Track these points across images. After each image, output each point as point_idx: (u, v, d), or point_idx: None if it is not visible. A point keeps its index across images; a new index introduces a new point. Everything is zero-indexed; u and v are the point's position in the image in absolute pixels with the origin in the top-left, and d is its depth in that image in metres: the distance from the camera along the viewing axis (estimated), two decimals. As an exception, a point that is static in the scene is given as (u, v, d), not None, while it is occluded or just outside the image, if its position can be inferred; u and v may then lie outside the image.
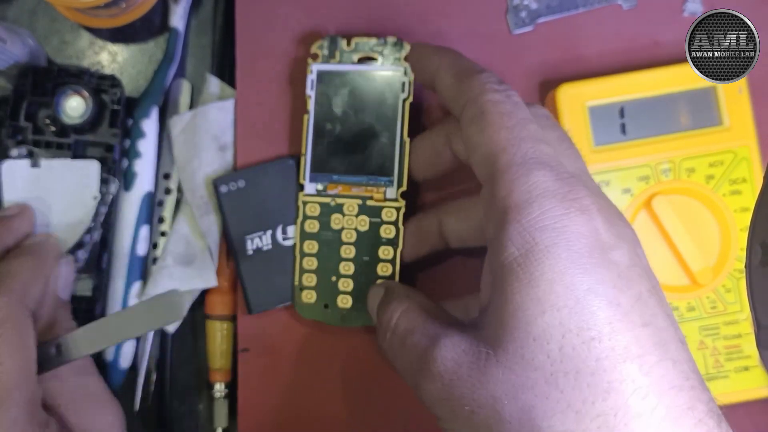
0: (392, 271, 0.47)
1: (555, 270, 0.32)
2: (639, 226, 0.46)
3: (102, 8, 0.49)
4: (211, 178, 0.49)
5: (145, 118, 0.49)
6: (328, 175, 0.47)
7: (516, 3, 0.50)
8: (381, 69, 0.47)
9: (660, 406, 0.30)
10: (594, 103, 0.47)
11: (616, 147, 0.47)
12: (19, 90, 0.48)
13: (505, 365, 0.32)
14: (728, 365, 0.45)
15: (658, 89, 0.47)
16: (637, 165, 0.46)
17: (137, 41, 0.55)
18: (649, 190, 0.46)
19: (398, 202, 0.47)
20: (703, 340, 0.45)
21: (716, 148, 0.46)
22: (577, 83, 0.47)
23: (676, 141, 0.47)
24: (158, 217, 0.52)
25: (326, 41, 0.48)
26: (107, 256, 0.49)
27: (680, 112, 0.47)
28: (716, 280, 0.46)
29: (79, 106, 0.48)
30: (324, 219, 0.48)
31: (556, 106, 0.47)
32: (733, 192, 0.46)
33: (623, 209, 0.46)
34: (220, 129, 0.49)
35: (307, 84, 0.47)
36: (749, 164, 0.46)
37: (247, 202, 0.48)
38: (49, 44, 0.54)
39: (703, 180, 0.46)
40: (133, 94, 0.54)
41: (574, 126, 0.46)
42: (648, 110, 0.47)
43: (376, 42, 0.47)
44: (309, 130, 0.47)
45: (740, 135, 0.46)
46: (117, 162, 0.49)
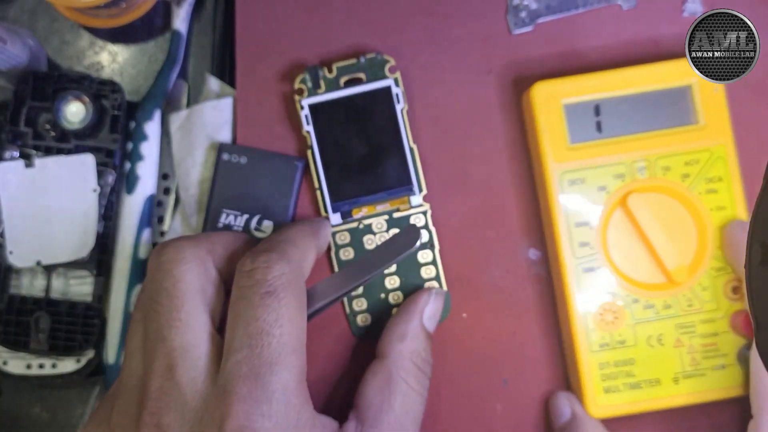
0: (436, 272, 0.48)
1: None
2: (615, 224, 0.46)
3: (102, 8, 0.49)
4: (204, 177, 0.49)
5: (148, 121, 0.50)
6: (349, 201, 0.47)
7: (516, 3, 0.50)
8: (370, 87, 0.47)
9: None
10: (569, 101, 0.47)
11: (592, 145, 0.46)
12: (19, 95, 0.49)
13: None
14: (705, 363, 0.46)
15: (634, 87, 0.47)
16: (613, 163, 0.46)
17: (137, 41, 0.55)
18: (624, 188, 0.46)
19: (423, 206, 0.48)
20: (680, 338, 0.46)
21: (692, 147, 0.46)
22: (552, 81, 0.47)
23: (652, 139, 0.46)
24: (157, 217, 0.52)
25: (307, 74, 0.48)
26: (108, 260, 0.49)
27: (656, 111, 0.47)
28: (692, 278, 0.46)
29: (79, 112, 0.48)
30: (356, 244, 0.48)
31: (532, 104, 0.47)
32: (709, 191, 0.46)
33: (599, 207, 0.46)
34: (214, 128, 0.50)
35: (303, 121, 0.47)
36: (725, 163, 0.46)
37: (240, 178, 0.48)
38: (50, 44, 0.54)
39: (679, 178, 0.46)
40: (132, 94, 0.54)
41: (550, 124, 0.46)
42: (624, 108, 0.47)
43: (356, 62, 0.48)
44: (318, 164, 0.47)
45: (716, 134, 0.46)
46: (118, 167, 0.49)
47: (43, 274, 0.50)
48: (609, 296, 0.46)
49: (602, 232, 0.46)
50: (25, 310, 0.49)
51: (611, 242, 0.46)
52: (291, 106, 0.50)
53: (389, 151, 0.47)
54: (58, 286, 0.50)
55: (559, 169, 0.46)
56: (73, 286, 0.50)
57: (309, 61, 0.50)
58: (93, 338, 0.49)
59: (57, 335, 0.49)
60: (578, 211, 0.46)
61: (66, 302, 0.49)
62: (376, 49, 0.49)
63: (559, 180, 0.46)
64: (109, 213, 0.49)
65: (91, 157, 0.48)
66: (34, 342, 0.49)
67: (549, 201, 0.46)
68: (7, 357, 0.50)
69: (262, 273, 0.38)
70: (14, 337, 0.49)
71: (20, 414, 0.54)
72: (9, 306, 0.49)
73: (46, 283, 0.49)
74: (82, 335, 0.49)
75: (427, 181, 0.48)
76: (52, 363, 0.50)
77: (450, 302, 0.48)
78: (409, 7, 0.50)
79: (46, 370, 0.50)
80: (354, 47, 0.50)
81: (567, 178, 0.46)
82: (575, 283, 0.46)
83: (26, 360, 0.50)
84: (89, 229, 0.48)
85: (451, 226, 0.49)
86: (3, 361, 0.50)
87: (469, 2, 0.50)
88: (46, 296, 0.49)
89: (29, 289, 0.50)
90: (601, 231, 0.46)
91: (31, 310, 0.49)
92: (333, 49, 0.50)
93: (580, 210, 0.46)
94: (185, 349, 0.38)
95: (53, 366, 0.50)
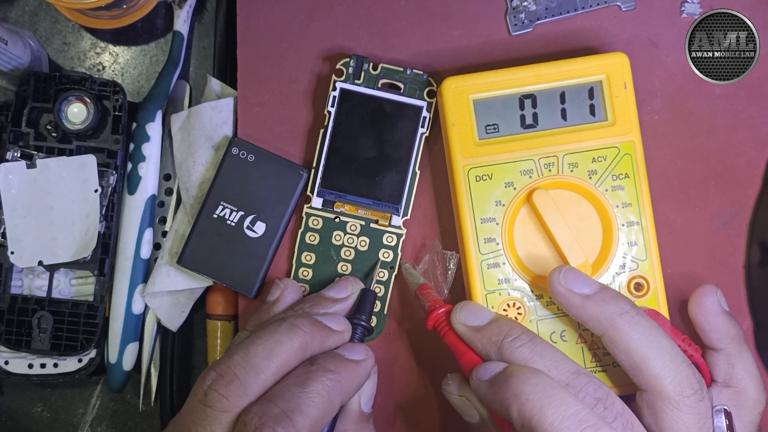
0: (384, 292, 0.48)
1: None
2: (521, 220, 0.46)
3: (104, 9, 0.49)
4: (206, 178, 0.49)
5: (150, 122, 0.50)
6: (336, 193, 0.48)
7: (515, 4, 0.50)
8: (406, 100, 0.48)
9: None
10: (478, 97, 0.46)
11: (500, 141, 0.46)
12: (20, 96, 0.49)
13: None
14: (606, 359, 0.45)
15: (543, 84, 0.46)
16: (520, 159, 0.46)
17: (139, 43, 0.55)
18: (531, 184, 0.46)
19: (401, 229, 0.48)
20: (582, 334, 0.45)
21: (600, 144, 0.46)
22: (461, 77, 0.46)
23: (560, 135, 0.46)
24: (160, 217, 0.52)
25: (352, 60, 0.48)
26: (110, 260, 0.50)
27: (565, 107, 0.47)
28: (596, 275, 0.46)
29: (80, 113, 0.48)
30: (325, 234, 0.48)
31: (442, 100, 0.46)
32: (615, 188, 0.46)
33: (506, 203, 0.46)
34: (213, 128, 0.50)
35: (329, 100, 0.48)
36: (632, 160, 0.46)
37: (243, 175, 0.48)
38: (51, 45, 0.55)
39: (586, 175, 0.46)
40: (133, 95, 0.54)
41: (459, 119, 0.46)
42: (532, 104, 0.47)
43: (402, 71, 0.48)
44: (324, 146, 0.48)
45: (624, 130, 0.46)
46: (119, 167, 0.49)
47: (45, 274, 0.50)
48: (513, 292, 0.45)
49: (508, 229, 0.46)
50: (26, 309, 0.50)
51: (517, 239, 0.46)
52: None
53: (393, 166, 0.48)
54: (60, 286, 0.50)
55: (466, 164, 0.46)
56: (74, 286, 0.50)
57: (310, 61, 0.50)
58: (95, 338, 0.49)
59: (59, 335, 0.49)
60: (484, 207, 0.46)
61: (68, 302, 0.50)
62: (375, 53, 0.49)
63: (466, 175, 0.46)
64: (110, 213, 0.49)
65: (92, 158, 0.48)
66: (35, 341, 0.49)
67: (456, 196, 0.46)
68: (9, 356, 0.50)
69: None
70: (16, 337, 0.49)
71: (22, 413, 0.54)
72: (11, 306, 0.49)
73: (47, 283, 0.50)
74: (84, 335, 0.49)
75: (413, 209, 0.48)
76: (53, 362, 0.51)
77: (385, 322, 0.48)
78: (409, 7, 0.50)
79: (47, 369, 0.51)
80: (353, 49, 0.50)
81: (474, 173, 0.46)
82: (479, 278, 0.45)
83: (28, 359, 0.51)
84: (91, 230, 0.48)
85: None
86: (5, 360, 0.50)
87: (469, 3, 0.50)
88: (48, 296, 0.50)
89: (31, 289, 0.50)
90: (507, 227, 0.46)
91: (33, 310, 0.49)
92: (333, 50, 0.50)
93: (487, 206, 0.46)
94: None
95: (55, 365, 0.51)
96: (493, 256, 0.45)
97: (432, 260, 0.47)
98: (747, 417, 0.43)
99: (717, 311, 0.45)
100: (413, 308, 0.49)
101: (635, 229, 0.45)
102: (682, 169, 0.50)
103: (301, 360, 0.40)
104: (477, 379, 0.40)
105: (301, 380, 0.39)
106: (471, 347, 0.43)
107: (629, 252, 0.45)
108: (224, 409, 0.37)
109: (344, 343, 0.43)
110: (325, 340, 0.42)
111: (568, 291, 0.42)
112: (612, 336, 0.40)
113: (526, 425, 0.37)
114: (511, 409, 0.37)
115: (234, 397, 0.37)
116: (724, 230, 0.49)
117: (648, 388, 0.40)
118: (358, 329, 0.44)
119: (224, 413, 0.37)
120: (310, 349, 0.41)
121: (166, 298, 0.50)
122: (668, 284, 0.46)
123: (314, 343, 0.41)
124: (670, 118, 0.50)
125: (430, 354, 0.49)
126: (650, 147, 0.49)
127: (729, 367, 0.44)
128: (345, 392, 0.40)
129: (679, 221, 0.49)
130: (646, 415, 0.40)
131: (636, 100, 0.46)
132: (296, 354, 0.40)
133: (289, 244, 0.49)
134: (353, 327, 0.44)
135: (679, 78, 0.50)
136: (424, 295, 0.45)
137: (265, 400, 0.37)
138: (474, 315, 0.43)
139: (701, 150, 0.50)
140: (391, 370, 0.49)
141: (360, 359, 0.42)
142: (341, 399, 0.40)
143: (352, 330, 0.44)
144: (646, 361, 0.40)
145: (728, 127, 0.50)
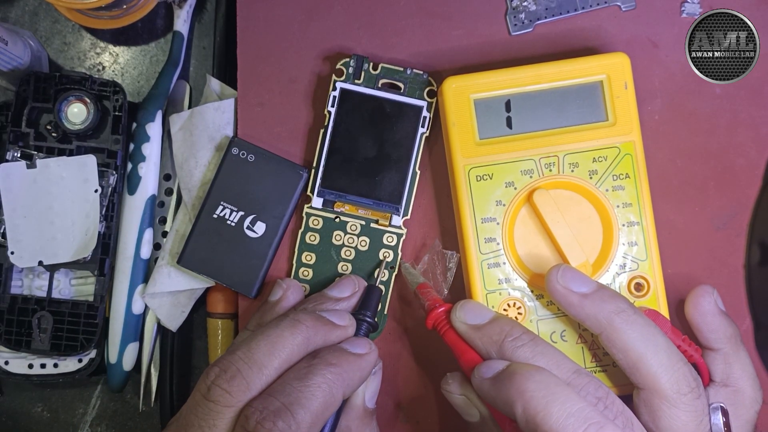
0: (384, 292, 0.48)
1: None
2: (521, 220, 0.46)
3: (104, 9, 0.49)
4: (207, 178, 0.49)
5: (150, 122, 0.50)
6: (336, 193, 0.48)
7: (515, 4, 0.50)
8: (406, 100, 0.48)
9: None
10: (479, 96, 0.46)
11: (501, 140, 0.46)
12: (21, 96, 0.49)
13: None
14: (606, 359, 0.45)
15: (545, 84, 0.46)
16: (521, 159, 0.46)
17: (139, 43, 0.55)
18: (532, 184, 0.46)
19: (401, 229, 0.48)
20: (582, 335, 0.45)
21: (600, 144, 0.46)
22: (462, 76, 0.46)
23: (561, 135, 0.46)
24: (160, 218, 0.52)
25: (353, 60, 0.48)
26: (110, 260, 0.50)
27: (566, 107, 0.46)
28: (597, 275, 0.46)
29: (80, 113, 0.48)
30: (325, 234, 0.48)
31: (443, 99, 0.46)
32: (615, 188, 0.46)
33: (506, 203, 0.46)
34: (216, 129, 0.50)
35: (329, 100, 0.48)
36: (633, 160, 0.46)
37: (243, 175, 0.48)
38: (51, 46, 0.55)
39: (586, 175, 0.46)
40: (133, 95, 0.54)
41: (459, 119, 0.46)
42: (534, 104, 0.46)
43: (402, 71, 0.48)
44: (324, 146, 0.48)
45: (625, 130, 0.46)
46: (119, 168, 0.49)
47: (45, 274, 0.50)
48: (513, 292, 0.46)
49: (508, 229, 0.46)
50: (26, 310, 0.50)
51: (518, 238, 0.46)
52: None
53: (394, 166, 0.48)
54: (60, 286, 0.50)
55: (467, 164, 0.46)
56: (74, 286, 0.50)
57: (310, 61, 0.50)
58: (95, 338, 0.49)
59: (59, 335, 0.49)
60: (484, 206, 0.46)
61: (68, 302, 0.50)
62: (375, 53, 0.49)
63: (467, 175, 0.46)
64: (110, 213, 0.49)
65: (92, 158, 0.48)
66: (35, 342, 0.49)
67: (457, 196, 0.46)
68: (9, 356, 0.50)
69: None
70: (16, 337, 0.49)
71: (22, 413, 0.55)
72: (11, 306, 0.49)
73: (47, 283, 0.50)
74: (84, 335, 0.49)
75: (413, 208, 0.48)
76: (53, 362, 0.51)
77: (385, 321, 0.49)
78: (408, 7, 0.50)
79: (47, 369, 0.51)
80: (353, 49, 0.50)
81: (475, 173, 0.46)
82: (479, 278, 0.45)
83: (28, 359, 0.51)
84: (91, 230, 0.48)
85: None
86: (5, 360, 0.51)
87: (469, 3, 0.50)
88: (48, 296, 0.50)
89: (31, 289, 0.50)
90: (508, 227, 0.46)
91: (33, 310, 0.49)
92: (333, 50, 0.50)
93: (487, 206, 0.46)
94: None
95: (55, 365, 0.51)
96: (493, 256, 0.45)
97: (432, 260, 0.47)
98: (744, 416, 0.43)
99: (714, 311, 0.45)
100: (413, 308, 0.49)
101: (635, 229, 0.45)
102: (682, 169, 0.50)
103: (305, 355, 0.40)
104: (479, 377, 0.40)
105: (302, 374, 0.39)
106: (471, 346, 0.43)
107: (629, 252, 0.45)
108: (227, 404, 0.37)
109: (348, 338, 0.43)
110: (328, 335, 0.42)
111: (566, 289, 0.42)
112: (609, 335, 0.40)
113: (531, 422, 0.37)
114: (515, 406, 0.37)
115: (237, 392, 0.37)
116: (724, 230, 0.50)
117: (645, 386, 0.40)
118: (362, 325, 0.44)
119: (227, 408, 0.37)
120: (313, 344, 0.41)
121: (167, 299, 0.50)
122: (668, 284, 0.46)
123: (317, 338, 0.41)
124: (671, 118, 0.50)
125: (430, 353, 0.49)
126: (650, 147, 0.49)
127: (726, 366, 0.44)
128: (347, 385, 0.40)
129: (679, 221, 0.49)
130: (643, 413, 0.41)
131: (636, 100, 0.46)
132: (299, 349, 0.40)
133: (289, 244, 0.49)
134: (357, 323, 0.44)
135: (679, 78, 0.50)
136: (423, 294, 0.45)
137: (267, 394, 0.38)
138: (474, 313, 0.43)
139: (701, 150, 0.50)
140: (391, 370, 0.49)
141: (363, 353, 0.42)
142: (343, 392, 0.40)
143: (356, 326, 0.44)
144: (643, 360, 0.40)
145: (728, 127, 0.50)
